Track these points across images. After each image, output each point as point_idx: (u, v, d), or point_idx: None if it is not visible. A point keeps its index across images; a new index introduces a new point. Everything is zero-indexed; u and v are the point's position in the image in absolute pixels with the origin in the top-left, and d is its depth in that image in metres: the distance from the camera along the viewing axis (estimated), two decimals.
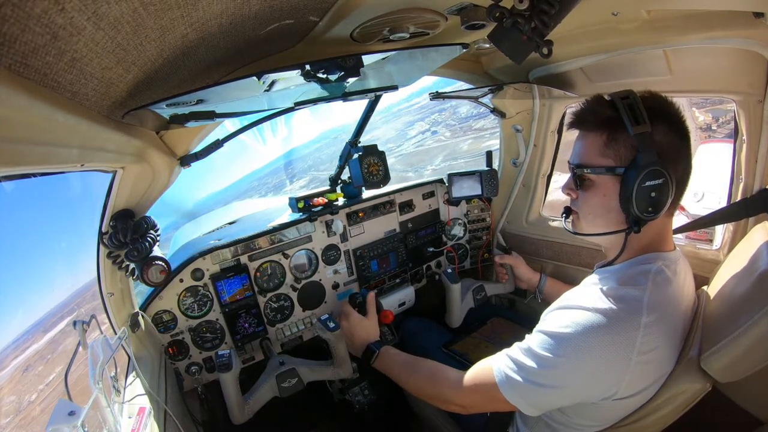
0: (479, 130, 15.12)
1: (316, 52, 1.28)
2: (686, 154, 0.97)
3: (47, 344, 7.35)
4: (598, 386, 0.92)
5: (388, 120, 22.86)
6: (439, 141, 16.80)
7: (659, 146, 0.92)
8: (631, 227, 0.97)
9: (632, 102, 0.93)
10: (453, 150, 14.26)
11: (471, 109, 16.83)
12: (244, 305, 1.74)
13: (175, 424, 1.18)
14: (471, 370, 1.10)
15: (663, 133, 0.94)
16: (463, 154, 13.25)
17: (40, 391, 5.76)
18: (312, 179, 18.93)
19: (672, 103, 0.98)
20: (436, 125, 10.58)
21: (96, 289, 1.27)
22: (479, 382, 1.06)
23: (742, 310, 0.87)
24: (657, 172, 0.91)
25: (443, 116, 18.28)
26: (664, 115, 0.95)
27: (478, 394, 1.07)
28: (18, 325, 15.94)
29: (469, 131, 15.62)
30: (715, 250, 1.46)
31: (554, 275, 1.95)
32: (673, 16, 1.15)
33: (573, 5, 0.77)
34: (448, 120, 17.64)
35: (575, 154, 1.05)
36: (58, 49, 0.58)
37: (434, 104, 19.72)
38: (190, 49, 0.88)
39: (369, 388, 1.84)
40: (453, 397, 1.14)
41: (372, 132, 21.29)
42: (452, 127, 16.77)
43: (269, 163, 35.36)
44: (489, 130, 14.11)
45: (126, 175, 1.13)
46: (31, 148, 0.67)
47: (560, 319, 0.95)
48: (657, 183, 0.91)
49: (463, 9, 1.04)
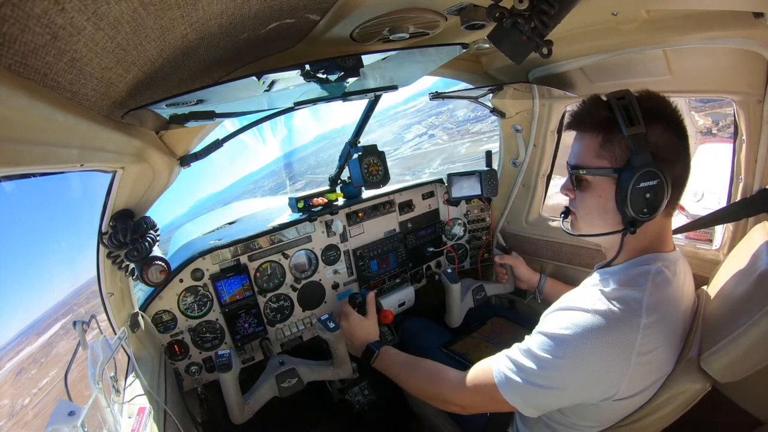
0: (477, 133, 15.02)
1: (316, 52, 1.28)
2: (684, 154, 0.97)
3: (41, 348, 7.34)
4: (598, 387, 0.93)
5: (384, 123, 22.70)
6: (436, 144, 16.72)
7: (655, 146, 0.92)
8: (627, 228, 0.97)
9: (627, 102, 0.92)
10: (451, 153, 14.15)
11: (468, 112, 16.67)
12: (243, 305, 1.74)
13: (174, 424, 1.18)
14: (471, 371, 1.10)
15: (659, 133, 0.93)
16: (461, 158, 13.18)
17: (33, 395, 5.74)
18: (309, 182, 18.92)
19: (669, 102, 0.98)
20: (433, 128, 10.51)
21: (90, 291, 1.27)
22: (479, 383, 1.06)
23: (741, 310, 0.87)
24: (651, 173, 0.91)
25: (440, 119, 18.21)
26: (660, 114, 0.94)
27: (478, 395, 1.07)
28: (15, 327, 15.91)
29: (467, 134, 15.54)
30: (715, 250, 1.46)
31: (554, 275, 1.95)
32: (673, 16, 1.15)
33: (573, 5, 0.77)
34: (445, 123, 17.55)
35: (572, 155, 1.06)
36: (58, 49, 0.58)
37: (431, 107, 19.64)
38: (190, 49, 0.88)
39: (369, 388, 1.84)
40: (453, 397, 1.14)
41: (368, 135, 21.27)
42: (449, 131, 16.66)
43: (265, 165, 35.31)
44: (487, 134, 14.01)
45: (126, 175, 1.13)
46: (31, 148, 0.67)
47: (560, 320, 0.95)
48: (652, 184, 0.91)
49: (463, 9, 1.04)
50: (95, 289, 1.27)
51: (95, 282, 1.27)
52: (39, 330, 8.13)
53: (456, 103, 17.53)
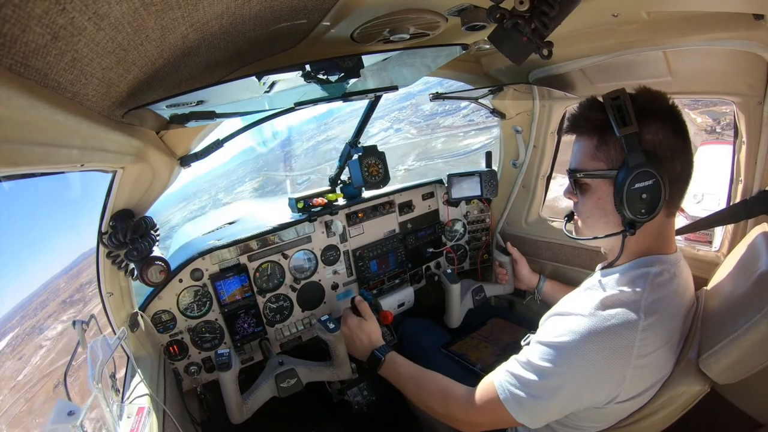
0: (449, 127, 14.63)
1: (316, 52, 1.28)
2: (682, 151, 0.94)
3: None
4: (601, 392, 0.93)
5: (343, 120, 22.22)
6: (405, 138, 16.42)
7: (650, 145, 0.91)
8: (627, 230, 0.96)
9: (621, 102, 0.91)
10: (425, 149, 13.71)
11: (435, 106, 16.28)
12: (243, 305, 1.73)
13: (174, 423, 1.18)
14: (477, 391, 1.09)
15: (654, 131, 0.92)
16: (439, 153, 12.76)
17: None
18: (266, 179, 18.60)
19: (665, 98, 0.96)
20: (398, 122, 10.17)
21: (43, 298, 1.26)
22: (485, 402, 1.05)
23: (741, 312, 0.87)
24: (647, 173, 0.89)
25: (405, 114, 17.87)
26: (655, 112, 0.93)
27: (486, 415, 1.06)
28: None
29: (438, 129, 15.19)
30: (715, 251, 1.46)
31: (553, 276, 1.95)
32: (673, 17, 1.15)
33: (573, 6, 0.77)
34: (410, 117, 17.17)
35: (572, 159, 1.06)
36: (58, 50, 0.58)
37: (393, 102, 19.21)
38: (191, 49, 0.88)
39: (368, 389, 1.84)
40: (463, 417, 1.13)
41: (328, 132, 20.64)
42: (417, 125, 16.29)
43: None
44: (461, 128, 13.58)
45: (126, 175, 1.13)
46: (31, 148, 0.67)
47: (558, 327, 0.95)
48: (647, 184, 0.89)
49: (464, 10, 1.04)
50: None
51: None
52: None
53: (420, 97, 17.17)
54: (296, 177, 16.60)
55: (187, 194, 28.86)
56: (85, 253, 15.03)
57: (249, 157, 19.53)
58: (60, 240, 79.26)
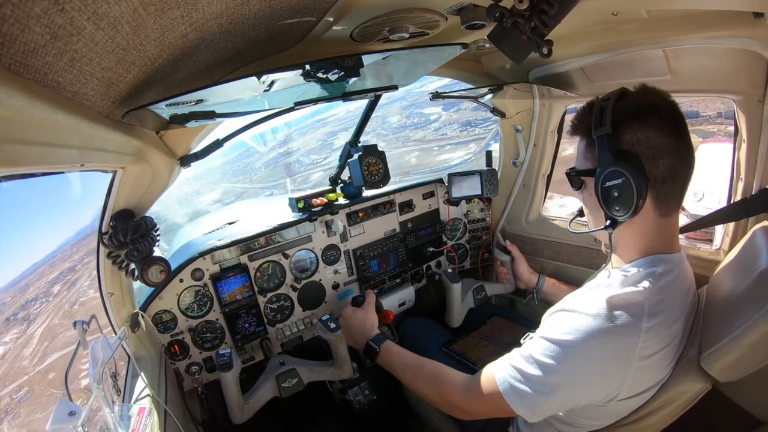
0: (421, 141, 14.12)
1: (316, 51, 1.28)
2: (671, 150, 0.91)
3: None
4: (601, 390, 0.93)
5: (304, 131, 21.49)
6: None
7: (629, 144, 0.92)
8: (607, 226, 0.98)
9: (604, 105, 0.95)
10: (398, 164, 12.89)
11: (403, 118, 15.84)
12: (244, 305, 1.74)
13: (175, 423, 1.18)
14: (476, 378, 1.10)
15: (633, 131, 0.91)
16: (414, 168, 12.21)
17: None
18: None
19: (657, 97, 0.95)
20: (365, 135, 10.01)
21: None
22: (483, 391, 1.06)
23: (741, 310, 0.87)
24: (615, 172, 0.91)
25: (371, 126, 17.51)
26: (639, 111, 0.92)
27: (483, 403, 1.07)
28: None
29: (409, 142, 14.65)
30: (715, 249, 1.46)
31: (554, 275, 1.95)
32: (673, 16, 1.15)
33: (573, 5, 0.77)
34: (377, 129, 16.53)
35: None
36: (57, 49, 0.58)
37: (355, 114, 18.69)
38: (190, 49, 0.88)
39: (369, 388, 1.84)
40: (458, 403, 1.15)
41: (289, 144, 19.99)
42: (385, 137, 15.63)
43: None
44: (434, 142, 13.05)
45: (126, 175, 1.13)
46: (31, 148, 0.67)
47: (562, 324, 0.96)
48: (617, 183, 0.91)
49: (463, 9, 1.04)
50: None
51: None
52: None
53: (387, 110, 16.71)
54: (257, 190, 15.84)
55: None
56: (35, 264, 13.56)
57: (210, 166, 18.97)
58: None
